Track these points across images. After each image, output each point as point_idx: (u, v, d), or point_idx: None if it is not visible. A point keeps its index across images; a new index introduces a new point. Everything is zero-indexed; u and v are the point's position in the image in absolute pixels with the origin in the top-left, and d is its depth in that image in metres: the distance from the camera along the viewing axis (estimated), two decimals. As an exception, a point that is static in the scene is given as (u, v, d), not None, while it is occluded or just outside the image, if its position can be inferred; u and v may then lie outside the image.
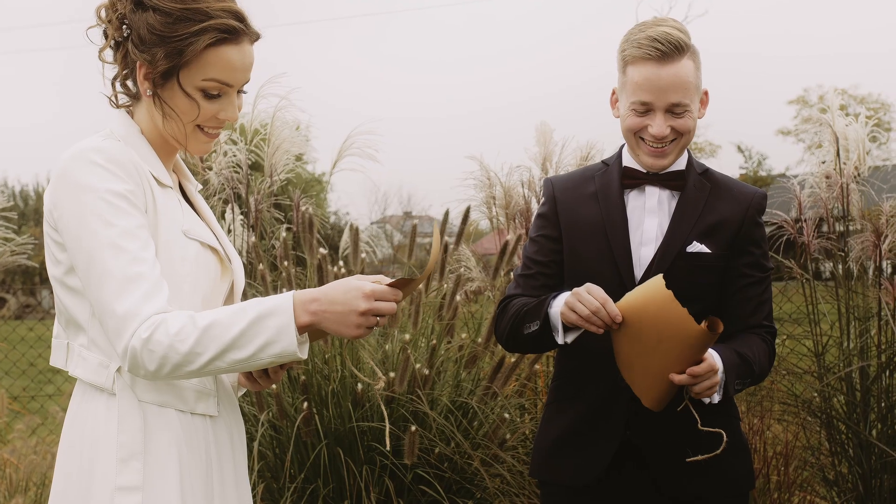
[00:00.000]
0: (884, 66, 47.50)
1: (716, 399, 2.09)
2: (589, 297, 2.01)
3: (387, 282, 1.64)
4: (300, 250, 4.02)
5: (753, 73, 49.87)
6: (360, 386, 3.45)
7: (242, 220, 4.28)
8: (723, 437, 2.04)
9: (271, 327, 1.59)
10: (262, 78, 4.78)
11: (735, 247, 2.21)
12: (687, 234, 2.18)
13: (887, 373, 3.80)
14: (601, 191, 2.25)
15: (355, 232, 3.98)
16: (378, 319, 1.63)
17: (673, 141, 2.17)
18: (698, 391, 2.02)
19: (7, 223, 4.07)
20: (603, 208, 2.23)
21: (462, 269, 3.97)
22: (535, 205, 4.42)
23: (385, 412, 1.81)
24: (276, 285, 3.87)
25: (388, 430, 2.22)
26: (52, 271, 1.70)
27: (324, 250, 3.74)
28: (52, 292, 1.74)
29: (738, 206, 2.22)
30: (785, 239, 4.03)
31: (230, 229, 4.21)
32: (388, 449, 2.43)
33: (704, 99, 2.23)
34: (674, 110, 2.13)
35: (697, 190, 2.22)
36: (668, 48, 2.10)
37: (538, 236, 2.31)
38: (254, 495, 3.21)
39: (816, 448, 3.97)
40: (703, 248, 2.18)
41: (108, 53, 1.75)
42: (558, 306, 2.11)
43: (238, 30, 1.69)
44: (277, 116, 4.11)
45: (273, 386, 2.80)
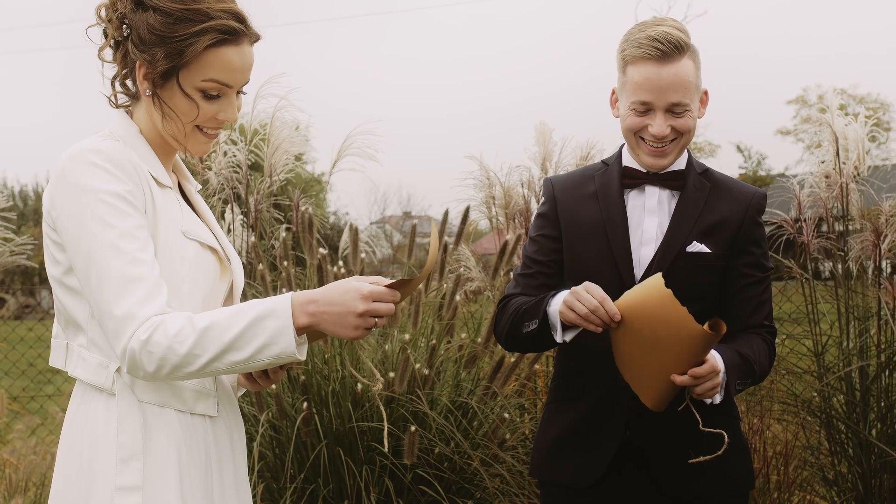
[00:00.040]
0: (883, 66, 47.56)
1: (717, 400, 2.09)
2: (587, 295, 2.01)
3: (385, 283, 1.64)
4: (300, 250, 4.02)
5: (753, 73, 49.90)
6: (360, 386, 3.45)
7: (242, 220, 4.27)
8: (724, 438, 2.04)
9: (270, 329, 1.59)
10: (261, 78, 4.78)
11: (735, 247, 2.20)
12: (687, 233, 2.18)
13: (887, 372, 3.80)
14: (601, 190, 2.25)
15: (355, 232, 3.98)
16: (376, 321, 1.63)
17: (673, 140, 2.17)
18: (700, 392, 2.01)
19: (6, 223, 4.07)
20: (603, 208, 2.23)
21: (461, 269, 3.97)
22: (534, 205, 4.42)
23: (384, 413, 1.81)
24: (276, 285, 3.87)
25: (388, 431, 2.22)
26: (52, 271, 1.70)
27: (324, 250, 3.73)
28: (52, 292, 1.73)
29: (737, 206, 2.22)
30: (784, 238, 4.03)
31: (230, 229, 4.21)
32: (388, 449, 2.43)
33: (704, 98, 2.23)
34: (674, 110, 2.13)
35: (697, 190, 2.22)
36: (668, 48, 2.10)
37: (538, 236, 2.31)
38: (254, 495, 3.21)
39: (816, 448, 3.97)
40: (703, 248, 2.18)
41: (108, 52, 1.75)
42: (557, 305, 2.10)
43: (238, 31, 1.69)
44: (277, 116, 4.11)
45: (273, 386, 2.80)
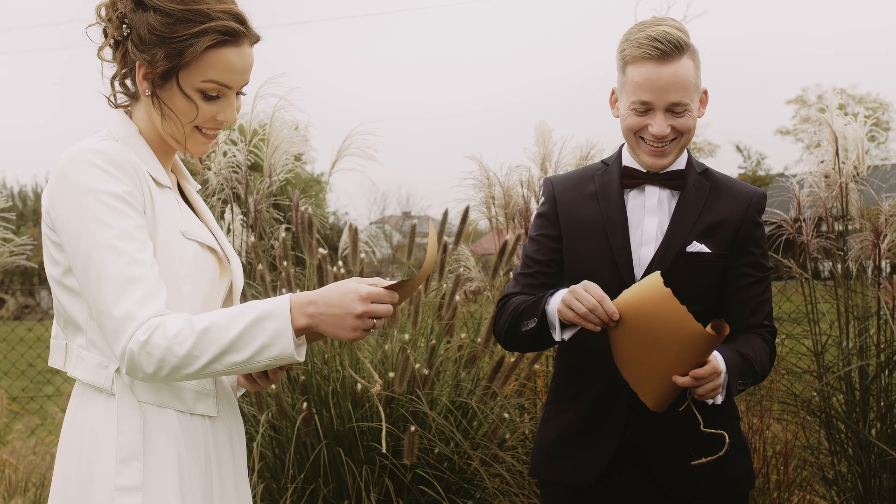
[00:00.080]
0: (882, 66, 47.58)
1: (719, 400, 2.08)
2: (586, 294, 2.01)
3: (383, 284, 1.64)
4: (299, 250, 4.02)
5: (752, 73, 49.92)
6: (360, 386, 3.45)
7: (242, 220, 4.27)
8: (725, 439, 2.04)
9: (268, 330, 1.59)
10: (261, 78, 4.78)
11: (735, 246, 2.20)
12: (687, 233, 2.18)
13: (886, 372, 3.80)
14: (601, 190, 2.25)
15: (354, 232, 3.98)
16: (374, 322, 1.63)
17: (673, 140, 2.17)
18: (702, 393, 2.01)
19: (6, 224, 4.06)
20: (603, 208, 2.23)
21: (461, 269, 3.97)
22: (534, 205, 4.42)
23: (382, 414, 1.80)
24: (276, 285, 3.86)
25: (387, 432, 2.22)
26: (51, 272, 1.70)
27: (323, 250, 3.73)
28: (51, 293, 1.73)
29: (737, 206, 2.22)
30: (784, 238, 4.03)
31: (229, 229, 4.21)
32: (387, 450, 2.43)
33: (704, 98, 2.23)
34: (674, 109, 2.13)
35: (697, 189, 2.22)
36: (668, 47, 2.10)
37: (538, 235, 2.31)
38: (254, 496, 3.20)
39: (816, 447, 3.97)
40: (703, 248, 2.18)
41: (108, 52, 1.74)
42: (555, 303, 2.10)
43: (238, 32, 1.69)
44: (276, 116, 4.10)
45: (272, 386, 2.79)
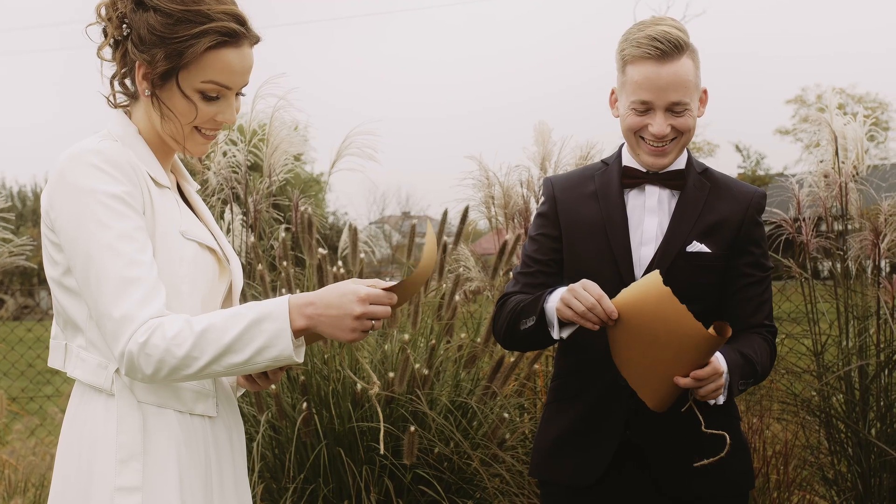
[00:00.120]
0: (882, 66, 47.60)
1: (721, 401, 2.08)
2: (584, 293, 2.00)
3: (382, 285, 1.64)
4: (299, 250, 4.01)
5: (751, 73, 49.94)
6: (360, 386, 3.45)
7: (241, 220, 4.27)
8: (726, 439, 2.03)
9: (267, 331, 1.58)
10: (261, 78, 4.78)
11: (735, 246, 2.20)
12: (687, 233, 2.18)
13: (886, 371, 3.80)
14: (601, 190, 2.25)
15: (354, 232, 3.97)
16: (373, 323, 1.63)
17: (673, 140, 2.17)
18: (703, 394, 2.01)
19: (5, 224, 4.06)
20: (603, 208, 2.23)
21: (461, 269, 3.97)
22: (533, 204, 4.42)
23: (380, 415, 1.80)
24: (276, 286, 3.86)
25: (385, 433, 2.21)
26: (50, 272, 1.70)
27: (323, 250, 3.73)
28: (50, 293, 1.73)
29: (737, 206, 2.22)
30: (783, 238, 4.03)
31: (229, 229, 4.21)
32: (385, 451, 2.43)
33: (704, 97, 2.23)
34: (674, 109, 2.13)
35: (697, 189, 2.22)
36: (668, 47, 2.10)
37: (538, 235, 2.31)
38: (254, 496, 3.20)
39: (815, 447, 3.97)
40: (703, 248, 2.18)
41: (107, 51, 1.74)
42: (554, 301, 2.10)
43: (238, 33, 1.69)
44: (276, 117, 4.10)
45: (272, 386, 2.80)
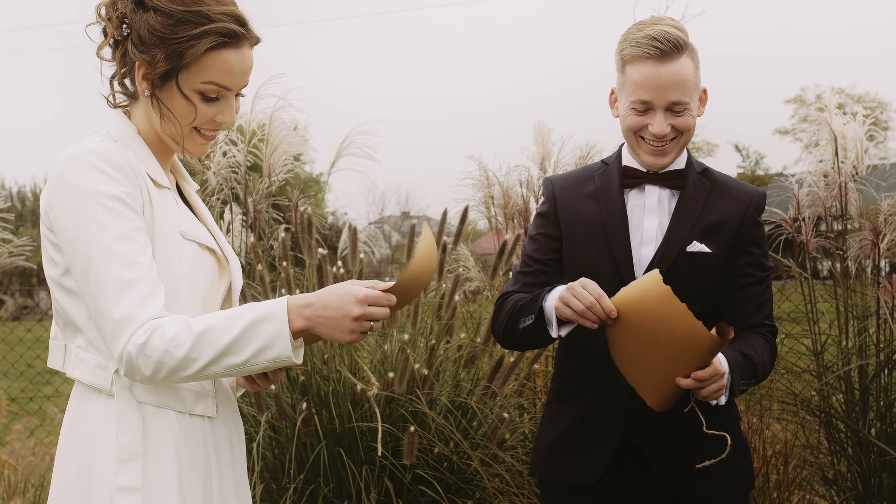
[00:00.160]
0: (881, 66, 47.62)
1: (723, 401, 2.08)
2: (583, 291, 2.00)
3: (381, 287, 1.64)
4: (299, 251, 4.01)
5: (751, 73, 49.95)
6: (359, 386, 3.45)
7: (241, 220, 4.27)
8: (727, 440, 2.03)
9: (266, 332, 1.58)
10: (261, 78, 4.78)
11: (735, 246, 2.20)
12: (687, 233, 2.18)
13: (886, 371, 3.80)
14: (601, 190, 2.25)
15: (353, 232, 3.97)
16: (372, 324, 1.63)
17: (673, 139, 2.17)
18: (705, 395, 2.01)
19: (4, 224, 4.06)
20: (603, 207, 2.23)
21: (460, 269, 3.97)
22: (533, 204, 4.42)
23: (378, 415, 1.80)
24: (275, 286, 3.86)
25: (385, 433, 2.21)
26: (49, 272, 1.70)
27: (323, 251, 3.73)
28: (50, 294, 1.73)
29: (737, 206, 2.22)
30: (783, 238, 4.03)
31: (229, 230, 4.20)
32: (384, 452, 2.42)
33: (703, 97, 2.23)
34: (674, 108, 2.13)
35: (697, 189, 2.22)
36: (667, 46, 2.10)
37: (538, 234, 2.31)
38: (253, 496, 3.20)
39: (815, 447, 3.97)
40: (703, 248, 2.17)
41: (107, 51, 1.74)
42: (553, 300, 2.10)
43: (239, 34, 1.69)
44: (275, 117, 4.10)
45: (272, 387, 2.79)
